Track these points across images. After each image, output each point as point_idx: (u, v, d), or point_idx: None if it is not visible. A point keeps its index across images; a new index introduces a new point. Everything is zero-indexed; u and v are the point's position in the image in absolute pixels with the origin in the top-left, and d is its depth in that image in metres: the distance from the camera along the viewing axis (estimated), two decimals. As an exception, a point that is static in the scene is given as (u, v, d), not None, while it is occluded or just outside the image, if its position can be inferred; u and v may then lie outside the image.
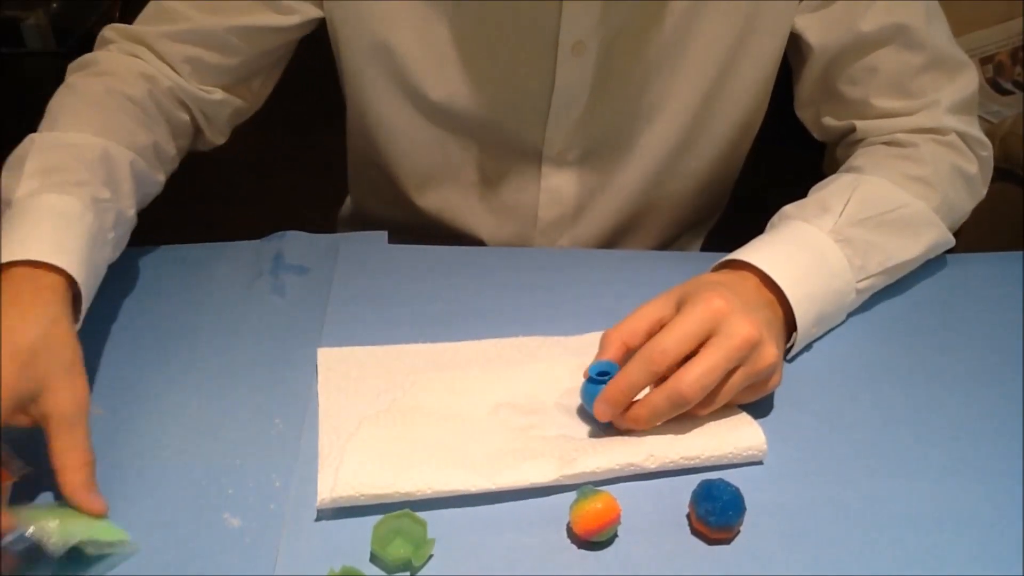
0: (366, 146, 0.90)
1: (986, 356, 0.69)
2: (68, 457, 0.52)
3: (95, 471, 0.53)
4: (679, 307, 0.58)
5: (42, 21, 1.87)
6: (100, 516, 0.52)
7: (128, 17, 0.80)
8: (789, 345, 0.65)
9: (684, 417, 0.59)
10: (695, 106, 0.81)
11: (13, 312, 0.54)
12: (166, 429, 0.59)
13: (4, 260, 0.56)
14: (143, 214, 0.72)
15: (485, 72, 0.78)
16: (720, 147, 0.86)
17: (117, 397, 0.62)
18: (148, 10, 0.78)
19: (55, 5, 1.91)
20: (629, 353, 0.58)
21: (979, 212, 0.81)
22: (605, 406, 0.57)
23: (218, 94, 0.80)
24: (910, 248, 0.71)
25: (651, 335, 0.58)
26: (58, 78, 0.75)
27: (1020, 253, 0.81)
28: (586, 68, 0.77)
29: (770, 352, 0.58)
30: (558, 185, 0.85)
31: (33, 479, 0.53)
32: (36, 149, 0.65)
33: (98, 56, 0.77)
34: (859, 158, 0.77)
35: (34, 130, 0.68)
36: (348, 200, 1.05)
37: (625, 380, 0.56)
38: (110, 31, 0.78)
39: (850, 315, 0.71)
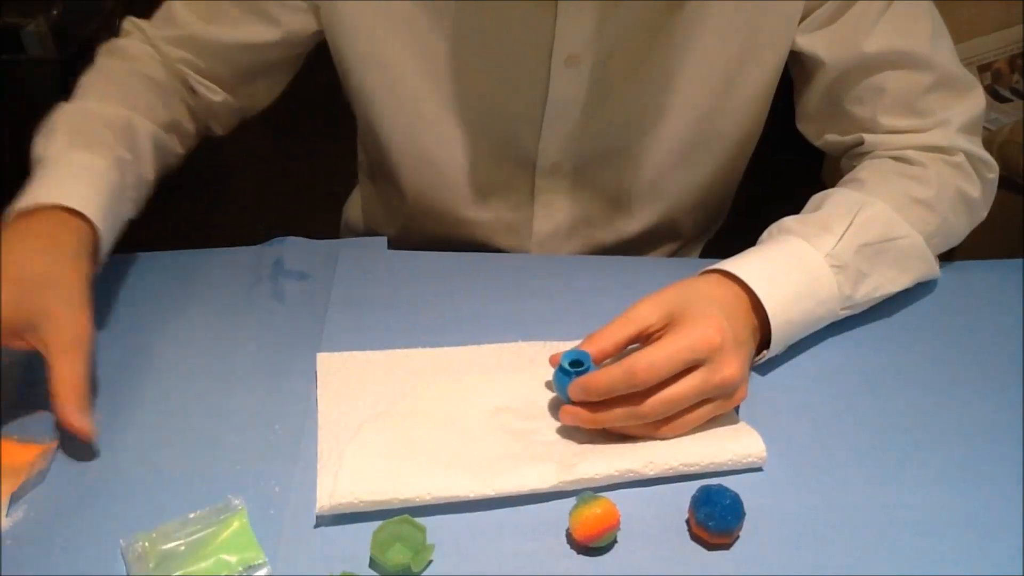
0: (367, 156, 0.90)
1: (985, 363, 0.69)
2: (63, 384, 0.55)
3: (90, 401, 0.56)
4: (669, 319, 0.59)
5: (42, 28, 1.87)
6: (87, 440, 0.56)
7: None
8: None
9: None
10: (692, 122, 0.81)
11: (29, 244, 0.59)
12: (165, 434, 0.59)
13: (32, 204, 0.62)
14: (144, 219, 0.72)
15: (480, 82, 0.78)
16: (717, 162, 0.85)
17: (116, 402, 0.62)
18: (160, 10, 0.81)
19: (55, 12, 1.91)
20: (604, 355, 0.59)
21: (978, 219, 0.81)
22: (579, 390, 0.57)
23: (219, 94, 0.84)
24: (898, 281, 0.71)
25: (632, 341, 0.58)
26: (58, 84, 0.76)
27: (1019, 261, 0.81)
28: (580, 81, 0.77)
29: (743, 392, 0.60)
30: (552, 198, 0.85)
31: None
32: (66, 115, 0.71)
33: (123, 43, 0.81)
34: (864, 171, 0.76)
35: (36, 132, 0.69)
36: (347, 206, 1.05)
37: (605, 381, 0.56)
38: (129, 24, 0.82)
39: (851, 323, 0.72)
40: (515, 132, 0.81)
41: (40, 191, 0.63)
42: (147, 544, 0.50)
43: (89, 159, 0.67)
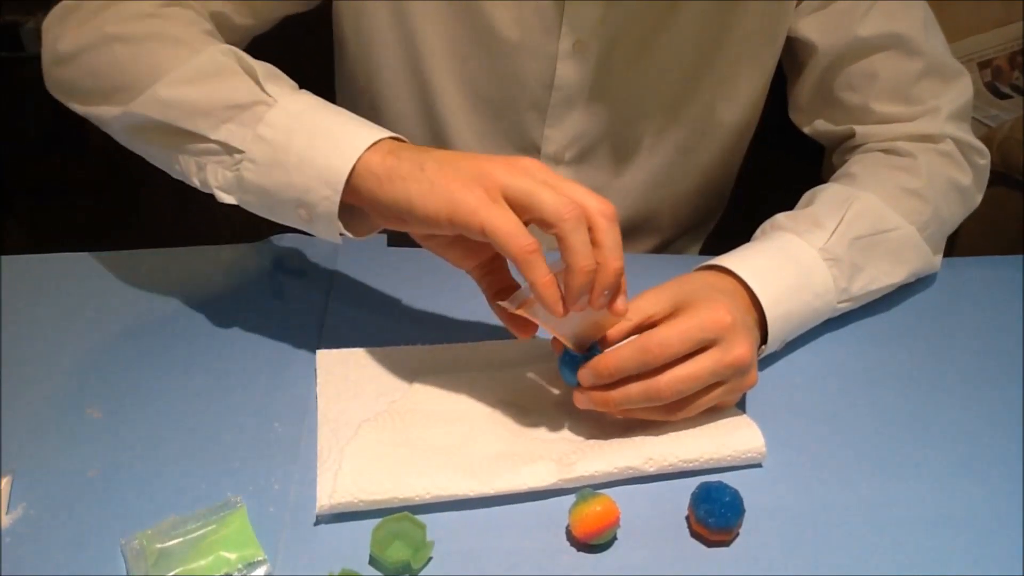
0: None
1: (985, 359, 0.69)
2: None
3: None
4: (674, 309, 0.58)
5: (41, 25, 1.87)
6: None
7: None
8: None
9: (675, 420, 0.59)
10: (693, 110, 0.82)
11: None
12: (164, 432, 0.59)
13: (371, 142, 0.56)
14: (143, 217, 0.72)
15: (487, 66, 0.79)
16: (718, 151, 0.87)
17: (116, 400, 0.62)
18: None
19: (54, 9, 1.91)
20: (608, 344, 0.58)
21: (977, 216, 0.81)
22: (590, 374, 0.56)
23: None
24: (894, 273, 0.72)
25: (639, 331, 0.58)
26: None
27: (1019, 257, 0.82)
28: (586, 67, 0.77)
29: (754, 376, 0.59)
30: None
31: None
32: (247, 60, 0.62)
33: (144, 6, 0.68)
34: (855, 164, 0.77)
35: (35, 130, 0.68)
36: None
37: (616, 360, 0.56)
38: None
39: (850, 319, 0.72)
40: (521, 118, 0.82)
41: (365, 131, 0.58)
42: (146, 542, 0.50)
43: (308, 98, 0.61)
